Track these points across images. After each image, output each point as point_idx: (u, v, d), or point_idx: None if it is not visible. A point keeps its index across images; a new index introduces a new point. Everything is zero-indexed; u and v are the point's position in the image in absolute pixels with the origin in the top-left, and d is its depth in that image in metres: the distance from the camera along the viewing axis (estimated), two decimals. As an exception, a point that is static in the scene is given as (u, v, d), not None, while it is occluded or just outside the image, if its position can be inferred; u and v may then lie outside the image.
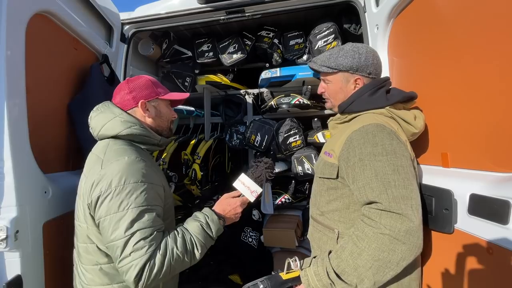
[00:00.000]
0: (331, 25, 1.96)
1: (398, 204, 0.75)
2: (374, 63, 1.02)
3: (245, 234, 2.24)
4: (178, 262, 0.88)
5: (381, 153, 0.82)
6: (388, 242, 0.73)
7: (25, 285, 1.04)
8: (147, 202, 0.87)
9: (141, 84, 1.06)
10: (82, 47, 1.56)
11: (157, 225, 0.88)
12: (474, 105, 0.81)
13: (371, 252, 0.75)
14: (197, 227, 0.96)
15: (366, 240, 0.76)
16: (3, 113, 1.03)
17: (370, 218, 0.78)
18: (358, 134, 0.89)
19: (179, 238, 0.90)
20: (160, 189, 0.97)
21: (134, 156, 0.92)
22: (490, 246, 0.69)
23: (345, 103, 1.03)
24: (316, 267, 0.84)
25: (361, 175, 0.83)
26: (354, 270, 0.76)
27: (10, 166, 1.03)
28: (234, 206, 1.08)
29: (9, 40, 1.05)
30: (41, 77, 1.26)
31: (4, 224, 0.99)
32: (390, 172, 0.79)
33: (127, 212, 0.83)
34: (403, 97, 0.99)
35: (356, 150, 0.86)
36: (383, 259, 0.74)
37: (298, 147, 2.01)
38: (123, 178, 0.86)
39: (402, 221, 0.73)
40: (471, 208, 0.75)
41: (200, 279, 2.04)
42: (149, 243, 0.83)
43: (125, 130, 0.97)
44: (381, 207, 0.77)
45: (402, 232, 0.73)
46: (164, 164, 2.20)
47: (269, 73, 2.14)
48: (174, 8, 1.79)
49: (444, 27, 0.93)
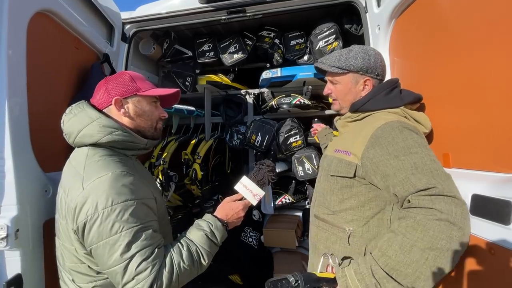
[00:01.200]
0: (332, 25, 1.97)
1: (449, 187, 0.73)
2: (382, 65, 1.05)
3: (245, 234, 2.24)
4: (186, 275, 0.85)
5: (415, 145, 0.82)
6: (445, 228, 0.68)
7: (25, 284, 1.04)
8: (140, 220, 0.80)
9: (118, 80, 0.96)
10: (83, 46, 1.56)
11: (156, 242, 0.82)
12: (475, 105, 0.80)
13: (427, 241, 0.68)
14: (201, 237, 0.92)
15: (420, 229, 0.69)
16: (4, 112, 1.03)
17: (421, 207, 0.72)
18: (384, 131, 0.87)
19: (185, 251, 0.86)
20: (151, 202, 0.89)
21: (119, 171, 0.83)
22: (492, 247, 0.69)
23: (360, 101, 1.02)
24: (357, 266, 0.76)
25: (401, 169, 0.79)
26: (407, 266, 0.69)
27: (11, 165, 1.03)
28: (236, 210, 1.05)
29: (11, 39, 1.05)
30: (42, 76, 1.26)
31: (5, 222, 0.99)
32: (429, 162, 0.78)
33: (121, 234, 0.76)
34: (414, 98, 1.00)
35: (388, 148, 0.84)
36: (441, 248, 0.67)
37: (298, 147, 2.01)
38: (109, 199, 0.77)
39: (456, 204, 0.70)
40: (473, 208, 0.75)
41: (200, 279, 2.02)
42: (151, 263, 0.78)
43: (105, 138, 0.87)
44: (434, 192, 0.72)
45: (459, 215, 0.69)
46: (165, 163, 2.20)
47: (269, 73, 2.14)
48: (175, 7, 1.80)
49: (446, 27, 0.93)
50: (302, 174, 1.97)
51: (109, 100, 0.93)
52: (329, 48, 2.00)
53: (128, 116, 0.96)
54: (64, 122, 0.92)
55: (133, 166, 0.95)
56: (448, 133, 0.93)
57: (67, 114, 0.93)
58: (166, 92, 1.01)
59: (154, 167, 2.19)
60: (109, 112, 0.95)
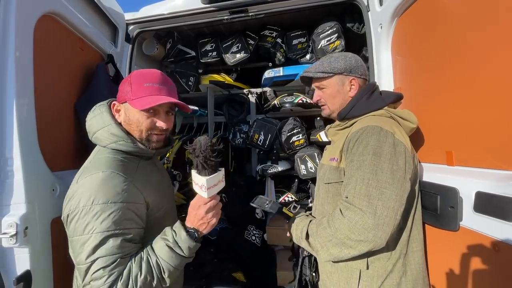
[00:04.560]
0: (334, 24, 1.97)
1: (360, 200, 0.83)
2: (363, 65, 1.10)
3: (248, 232, 2.25)
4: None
5: (368, 153, 0.87)
6: (346, 229, 0.83)
7: (34, 280, 1.06)
8: (114, 226, 0.77)
9: (123, 83, 0.94)
10: (88, 47, 1.58)
11: (123, 252, 0.78)
12: (479, 103, 0.81)
13: (333, 230, 0.87)
14: (163, 248, 0.82)
15: (333, 221, 0.88)
16: (13, 112, 1.05)
17: (340, 209, 0.88)
18: (355, 136, 0.93)
19: (144, 263, 0.80)
20: (139, 207, 0.85)
21: (109, 171, 0.82)
22: (496, 244, 0.70)
23: (345, 110, 1.06)
24: (300, 220, 1.03)
25: (349, 174, 0.91)
26: (319, 237, 0.91)
27: (19, 164, 1.05)
28: (195, 212, 0.86)
29: (18, 41, 1.07)
30: (48, 77, 1.28)
31: (14, 220, 1.01)
32: (367, 171, 0.85)
33: (91, 236, 0.76)
34: (395, 97, 1.06)
35: (352, 151, 0.92)
36: (340, 239, 0.85)
37: (301, 146, 2.02)
38: (91, 198, 0.77)
39: (360, 216, 0.82)
40: (477, 205, 0.75)
41: (203, 276, 2.05)
42: (108, 272, 0.75)
43: (111, 145, 0.90)
44: (347, 201, 0.86)
45: (358, 225, 0.81)
46: (169, 162, 2.22)
47: (272, 73, 2.15)
48: (178, 8, 1.81)
49: (450, 25, 0.93)
50: (305, 173, 1.97)
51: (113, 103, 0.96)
52: (331, 47, 2.00)
53: (122, 121, 0.94)
54: (87, 120, 0.96)
55: (135, 167, 0.92)
56: (452, 130, 0.93)
57: (91, 112, 0.96)
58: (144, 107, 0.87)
59: (158, 166, 2.21)
60: None
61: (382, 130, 0.90)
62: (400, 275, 0.91)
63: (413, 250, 0.94)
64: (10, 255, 1.04)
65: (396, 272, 0.91)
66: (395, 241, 0.92)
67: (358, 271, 0.93)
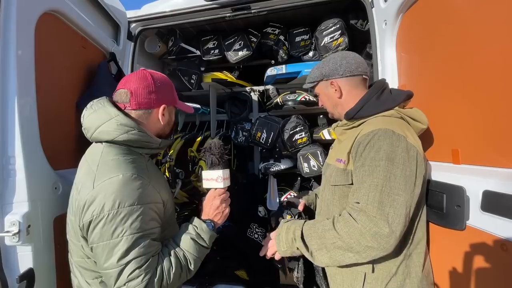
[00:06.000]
0: (337, 21, 1.94)
1: (373, 207, 0.81)
2: (343, 63, 1.06)
3: (251, 231, 2.25)
4: (175, 281, 0.86)
5: (381, 158, 0.85)
6: (358, 234, 0.81)
7: (37, 278, 1.07)
8: (143, 227, 0.81)
9: (168, 85, 0.99)
10: (90, 45, 1.58)
11: (152, 251, 0.83)
12: (486, 100, 0.79)
13: (340, 232, 0.83)
14: (188, 242, 0.92)
15: (341, 223, 0.85)
16: (14, 111, 1.05)
17: (349, 213, 0.86)
18: (365, 139, 0.91)
19: (173, 258, 0.87)
20: (159, 207, 0.90)
21: (130, 173, 0.83)
22: (504, 243, 0.68)
23: (353, 110, 1.02)
24: (290, 223, 0.98)
25: (360, 178, 0.88)
26: (318, 238, 0.87)
27: (22, 163, 1.05)
28: (210, 203, 1.02)
29: (19, 40, 1.07)
30: (50, 75, 1.28)
31: (17, 218, 1.01)
32: (381, 177, 0.83)
33: (122, 239, 0.77)
34: (406, 96, 1.02)
35: (362, 155, 0.90)
36: (348, 243, 0.82)
37: (304, 144, 2.01)
38: (117, 201, 0.77)
39: (374, 223, 0.80)
40: (484, 204, 0.74)
41: (206, 274, 2.06)
42: (144, 271, 0.79)
43: (122, 136, 0.87)
44: (359, 207, 0.84)
45: (371, 232, 0.79)
46: (171, 161, 2.22)
47: (274, 70, 2.13)
48: (180, 5, 1.80)
49: (456, 22, 0.90)
50: (308, 171, 1.96)
51: (158, 104, 0.96)
52: (334, 44, 1.98)
53: (164, 122, 1.00)
54: (84, 117, 0.93)
55: (146, 167, 0.94)
56: (458, 128, 0.91)
57: (88, 109, 0.93)
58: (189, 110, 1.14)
59: (161, 164, 2.21)
60: (146, 114, 0.95)
61: (395, 134, 0.87)
62: (404, 276, 0.90)
63: (417, 252, 0.93)
64: (13, 253, 1.05)
65: (400, 274, 0.90)
66: (401, 244, 0.90)
67: (363, 274, 0.92)
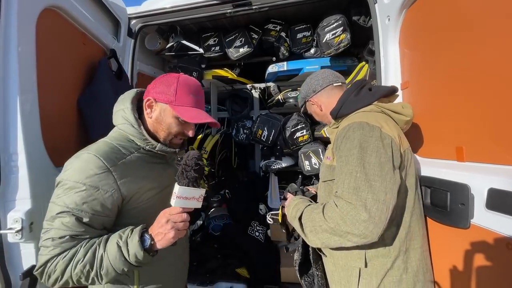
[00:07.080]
0: (339, 17, 1.93)
1: (349, 194, 0.84)
2: (313, 82, 1.19)
3: (252, 228, 2.25)
4: (80, 275, 0.79)
5: (355, 147, 0.88)
6: (338, 218, 0.84)
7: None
8: (75, 205, 0.80)
9: (170, 83, 0.95)
10: (90, 42, 1.57)
11: (74, 231, 0.80)
12: (491, 96, 0.78)
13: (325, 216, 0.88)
14: (113, 245, 0.81)
15: (326, 208, 0.89)
16: (16, 108, 1.04)
17: (333, 200, 0.90)
18: (341, 133, 0.95)
19: (90, 252, 0.80)
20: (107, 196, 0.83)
21: (93, 154, 0.84)
22: (510, 241, 0.68)
23: (335, 109, 1.08)
24: (301, 201, 1.04)
25: (339, 169, 0.92)
26: (310, 221, 0.93)
27: (24, 160, 1.05)
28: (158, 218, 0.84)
29: (20, 36, 1.06)
30: (51, 72, 1.27)
31: (19, 216, 1.01)
32: (355, 164, 0.86)
33: (54, 206, 0.82)
34: (387, 91, 1.05)
35: (340, 147, 0.94)
36: (331, 227, 0.86)
37: (305, 141, 2.00)
38: (69, 173, 0.83)
39: (351, 208, 0.82)
40: (489, 202, 0.73)
41: (207, 272, 2.06)
42: (54, 245, 0.79)
43: (120, 125, 0.95)
44: (338, 195, 0.88)
45: (349, 216, 0.82)
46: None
47: (276, 67, 2.12)
48: (180, 2, 1.78)
49: (461, 17, 0.89)
50: (309, 169, 1.96)
51: (147, 95, 0.97)
52: (336, 41, 1.96)
53: (150, 118, 0.97)
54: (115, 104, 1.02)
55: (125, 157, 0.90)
56: (462, 125, 0.91)
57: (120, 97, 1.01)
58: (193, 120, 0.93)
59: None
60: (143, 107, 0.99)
61: (369, 125, 0.91)
62: (401, 272, 0.90)
63: (414, 247, 0.93)
64: (16, 250, 1.05)
65: (396, 269, 0.90)
66: (393, 238, 0.92)
67: (358, 269, 0.94)
